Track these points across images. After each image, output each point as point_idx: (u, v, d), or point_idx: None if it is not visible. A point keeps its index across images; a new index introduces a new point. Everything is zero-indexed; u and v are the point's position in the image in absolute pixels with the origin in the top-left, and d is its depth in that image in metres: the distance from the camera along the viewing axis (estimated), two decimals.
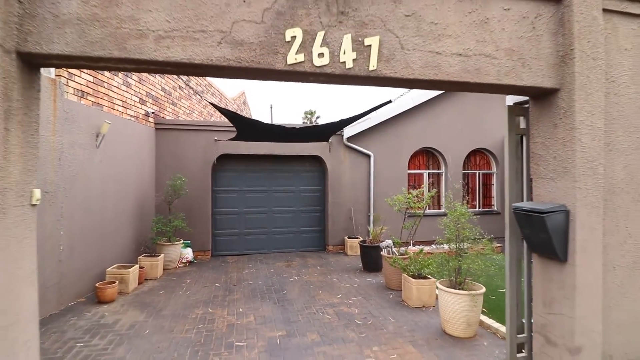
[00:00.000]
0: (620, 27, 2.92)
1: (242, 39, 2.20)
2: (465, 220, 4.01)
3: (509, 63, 2.65)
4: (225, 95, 13.28)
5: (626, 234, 2.94)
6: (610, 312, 2.90)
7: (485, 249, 4.00)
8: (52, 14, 1.96)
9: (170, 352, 3.61)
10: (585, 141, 2.67)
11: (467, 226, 4.03)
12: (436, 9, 2.52)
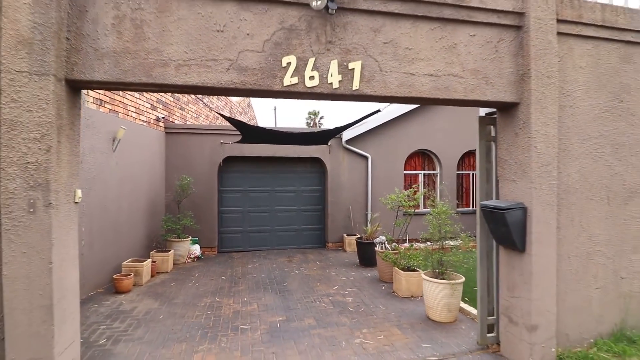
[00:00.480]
0: (576, 48, 3.35)
1: (246, 66, 2.66)
2: (445, 217, 4.46)
3: (474, 81, 3.09)
4: (230, 99, 13.77)
5: (580, 228, 3.37)
6: (567, 296, 3.34)
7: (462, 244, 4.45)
8: (93, 48, 2.44)
9: (183, 333, 4.09)
10: (540, 148, 3.11)
11: (447, 222, 4.47)
12: (410, 37, 2.96)
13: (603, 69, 3.47)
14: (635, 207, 3.57)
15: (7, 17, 2.21)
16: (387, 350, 3.67)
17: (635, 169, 3.58)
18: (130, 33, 2.48)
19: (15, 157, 2.22)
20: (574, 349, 3.35)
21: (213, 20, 2.61)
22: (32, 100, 2.23)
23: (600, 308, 3.48)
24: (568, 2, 3.28)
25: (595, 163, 3.44)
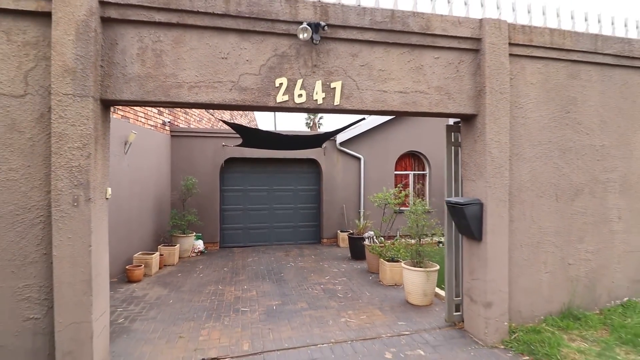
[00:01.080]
0: (528, 67, 3.94)
1: (246, 86, 3.24)
2: (421, 213, 5.04)
3: (438, 97, 3.67)
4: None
5: (531, 221, 3.95)
6: (519, 279, 3.92)
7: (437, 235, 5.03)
8: (122, 73, 3.02)
9: (191, 314, 4.67)
10: (494, 153, 3.68)
11: (423, 217, 5.05)
12: (383, 60, 3.54)
13: (552, 85, 4.04)
14: (580, 203, 4.15)
15: (55, 51, 2.78)
16: (368, 327, 4.24)
17: (580, 170, 4.15)
18: (151, 61, 3.06)
19: (63, 162, 2.79)
20: (526, 324, 3.92)
21: (219, 49, 3.19)
22: (75, 117, 2.81)
23: (550, 290, 4.05)
24: (520, 28, 3.85)
25: (545, 165, 4.01)
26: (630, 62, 4.31)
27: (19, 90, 2.84)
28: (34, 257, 2.86)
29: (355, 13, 3.41)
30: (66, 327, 2.80)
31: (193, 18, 3.09)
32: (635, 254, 4.39)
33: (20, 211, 2.84)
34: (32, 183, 2.85)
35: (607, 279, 4.28)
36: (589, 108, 4.18)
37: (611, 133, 4.27)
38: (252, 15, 3.18)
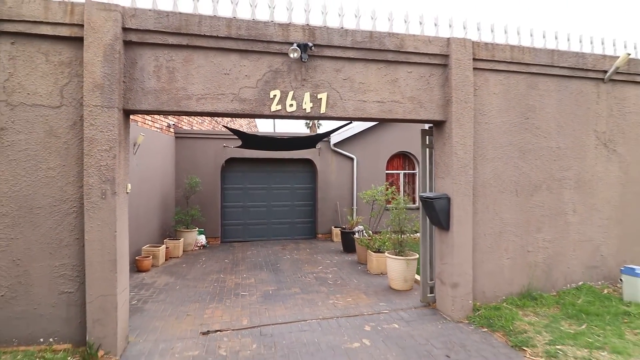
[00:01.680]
0: (491, 79, 4.51)
1: (245, 98, 3.82)
2: (402, 207, 5.62)
3: (411, 106, 4.25)
4: None
5: (494, 213, 4.53)
6: (483, 264, 4.49)
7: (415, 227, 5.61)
8: (141, 88, 3.59)
9: (196, 297, 5.25)
10: (459, 154, 4.26)
11: (404, 210, 5.63)
12: (363, 74, 4.12)
13: (513, 94, 4.62)
14: (538, 198, 4.72)
15: (87, 70, 3.35)
16: (352, 307, 4.82)
17: (538, 169, 4.73)
18: (165, 77, 3.64)
19: (93, 162, 3.37)
20: (489, 304, 4.50)
21: (222, 66, 3.76)
22: (103, 125, 3.38)
23: (511, 274, 4.63)
24: (483, 45, 4.43)
25: (506, 165, 4.59)
26: (585, 74, 4.88)
27: (55, 102, 3.42)
28: (68, 241, 3.44)
29: (339, 34, 3.99)
30: (95, 298, 3.37)
31: (200, 40, 3.67)
32: (589, 243, 4.96)
33: (57, 203, 3.42)
34: (67, 179, 3.43)
35: (563, 265, 4.86)
36: (547, 114, 4.76)
37: (567, 136, 4.85)
38: (250, 37, 3.75)
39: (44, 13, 3.33)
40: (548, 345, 3.50)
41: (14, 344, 3.38)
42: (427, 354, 3.52)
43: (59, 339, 3.45)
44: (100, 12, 3.38)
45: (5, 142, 3.33)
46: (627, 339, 3.57)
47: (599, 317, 4.02)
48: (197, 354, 3.54)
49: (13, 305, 3.36)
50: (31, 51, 3.39)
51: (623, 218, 5.12)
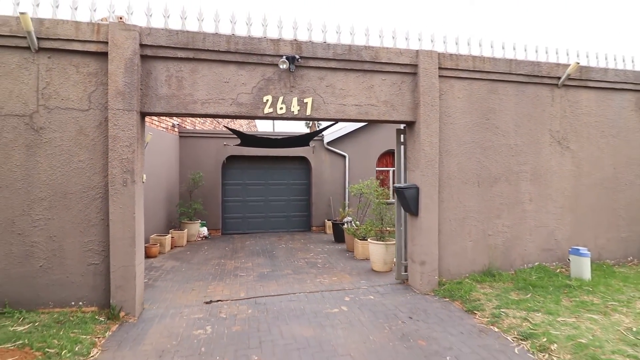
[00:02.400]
0: (455, 85, 5.20)
1: (242, 102, 4.52)
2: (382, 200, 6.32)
3: (385, 109, 4.94)
4: None
5: (458, 201, 5.22)
6: (448, 246, 5.18)
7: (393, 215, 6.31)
8: (155, 94, 4.30)
9: (200, 277, 5.95)
10: (427, 150, 4.95)
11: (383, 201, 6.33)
12: (343, 81, 4.82)
13: (475, 98, 5.31)
14: (497, 188, 5.42)
15: (111, 79, 4.06)
16: (336, 284, 5.52)
17: (498, 163, 5.42)
18: (175, 85, 4.34)
19: (116, 155, 4.07)
20: (453, 280, 5.19)
21: (222, 76, 4.46)
22: (125, 125, 4.08)
23: (473, 254, 5.32)
24: (448, 55, 5.12)
25: (469, 159, 5.28)
26: (540, 80, 5.57)
27: (84, 106, 4.12)
28: (95, 222, 4.14)
29: (322, 48, 4.69)
30: (118, 269, 4.08)
31: (204, 54, 4.37)
32: (544, 228, 5.66)
33: (86, 189, 4.12)
34: (94, 170, 4.13)
35: (521, 247, 5.55)
36: (506, 116, 5.45)
37: (524, 135, 5.54)
38: (246, 51, 4.46)
39: (75, 32, 4.03)
40: (495, 309, 4.19)
41: (50, 306, 4.08)
42: (393, 316, 4.22)
43: (86, 302, 4.15)
44: (122, 32, 4.09)
45: (44, 139, 4.04)
46: (561, 304, 4.26)
47: (543, 289, 4.71)
48: (202, 317, 4.24)
49: (49, 274, 4.07)
50: (64, 64, 4.09)
51: (575, 207, 5.81)
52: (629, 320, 3.77)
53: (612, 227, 5.99)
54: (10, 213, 3.98)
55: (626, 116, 6.07)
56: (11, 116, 3.98)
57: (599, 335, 3.45)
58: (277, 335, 3.72)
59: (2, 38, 3.92)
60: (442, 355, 3.29)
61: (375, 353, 3.34)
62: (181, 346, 3.50)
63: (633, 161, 6.10)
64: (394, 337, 3.67)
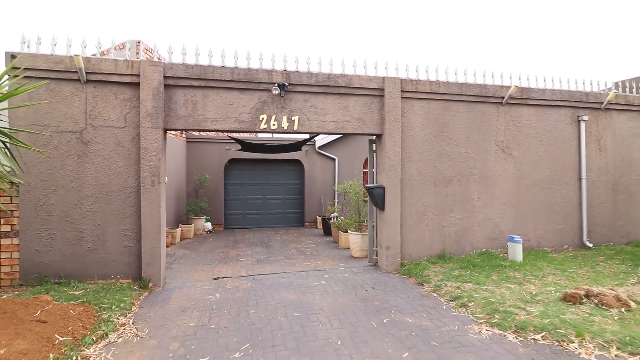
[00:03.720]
0: (415, 104, 6.43)
1: (243, 120, 5.74)
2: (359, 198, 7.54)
3: (357, 124, 6.17)
4: None
5: (418, 198, 6.44)
6: (409, 234, 6.40)
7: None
8: (175, 114, 5.53)
9: (207, 261, 7.17)
10: (391, 157, 6.18)
11: (361, 199, 7.56)
12: (324, 102, 6.05)
13: (432, 115, 6.53)
14: (450, 188, 6.64)
15: (142, 104, 5.28)
16: (320, 266, 6.75)
17: (451, 168, 6.64)
18: (190, 107, 5.56)
19: (146, 162, 5.29)
20: (413, 262, 6.41)
21: (227, 99, 5.68)
22: (152, 139, 5.30)
23: (430, 241, 6.55)
24: (409, 81, 6.34)
25: (427, 165, 6.50)
26: (487, 99, 6.80)
27: (121, 124, 5.34)
28: (129, 213, 5.37)
29: (306, 76, 5.91)
30: (147, 249, 5.30)
31: (213, 82, 5.59)
32: (490, 221, 6.88)
33: (123, 189, 5.34)
34: (129, 174, 5.36)
35: (470, 236, 6.78)
36: (458, 129, 6.68)
37: (473, 144, 6.77)
38: (246, 80, 5.68)
39: (114, 68, 5.26)
40: (438, 282, 5.41)
41: (95, 278, 5.30)
42: (360, 287, 5.44)
43: (122, 276, 5.37)
44: (150, 67, 5.31)
45: (91, 150, 5.26)
46: (490, 278, 5.49)
47: (481, 268, 5.93)
48: (211, 288, 5.47)
49: (95, 254, 5.29)
50: (106, 92, 5.32)
51: (517, 203, 7.03)
52: (534, 288, 5.01)
53: (549, 220, 7.22)
54: (66, 207, 5.20)
55: (562, 128, 7.30)
56: (66, 132, 5.20)
57: (506, 297, 4.68)
58: (269, 299, 4.95)
59: (59, 72, 5.14)
60: (389, 309, 4.52)
61: (340, 309, 4.56)
62: (198, 305, 4.72)
63: (568, 165, 7.33)
64: (356, 299, 4.90)
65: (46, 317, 3.67)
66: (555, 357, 3.27)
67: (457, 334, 3.79)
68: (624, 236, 7.70)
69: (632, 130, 7.76)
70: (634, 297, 4.44)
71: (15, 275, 5.11)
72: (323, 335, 3.80)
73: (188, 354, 3.40)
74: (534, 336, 3.65)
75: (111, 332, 3.81)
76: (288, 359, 3.31)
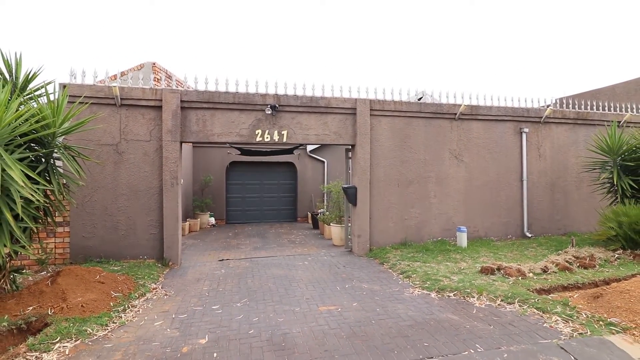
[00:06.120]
0: (382, 120, 7.95)
1: (242, 134, 7.25)
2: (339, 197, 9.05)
3: (335, 136, 7.69)
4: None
5: (384, 197, 7.97)
6: (377, 226, 7.93)
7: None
8: (189, 130, 7.04)
9: (213, 248, 8.68)
10: (361, 163, 7.70)
11: (342, 196, 9.07)
12: (307, 119, 7.56)
13: (397, 128, 8.04)
14: (411, 188, 8.15)
15: (164, 123, 6.78)
16: (305, 252, 8.27)
17: (412, 171, 8.15)
18: (201, 124, 7.06)
19: (167, 168, 6.79)
20: (380, 248, 7.92)
21: (230, 118, 7.19)
22: (172, 150, 6.81)
23: (395, 232, 8.06)
24: (377, 101, 7.84)
25: (392, 169, 8.01)
26: (442, 115, 8.30)
27: (147, 138, 6.84)
28: (154, 208, 6.87)
29: (293, 99, 7.41)
30: (168, 236, 6.81)
31: (219, 105, 7.09)
32: (444, 215, 8.39)
33: (149, 189, 6.85)
34: (153, 177, 6.86)
35: (428, 228, 8.29)
36: (418, 140, 8.19)
37: (430, 152, 8.28)
38: (245, 102, 7.18)
39: (142, 94, 6.75)
40: (395, 261, 6.91)
41: (127, 258, 6.81)
42: (334, 266, 6.96)
43: (148, 257, 6.88)
44: (170, 93, 6.81)
45: (124, 158, 6.77)
46: (436, 259, 6.99)
47: (432, 252, 7.45)
48: (217, 266, 6.98)
49: (127, 239, 6.80)
50: (135, 113, 6.81)
51: (467, 201, 8.55)
52: (465, 265, 6.52)
53: (495, 214, 8.74)
54: (105, 203, 6.71)
55: (506, 138, 8.81)
56: (105, 145, 6.70)
57: (442, 271, 6.19)
58: (263, 273, 6.46)
59: (100, 99, 6.64)
60: (352, 279, 6.03)
61: (315, 279, 6.08)
62: (208, 277, 6.23)
63: (511, 169, 8.84)
64: (329, 273, 6.42)
65: (103, 280, 5.19)
66: (457, 305, 4.79)
67: (396, 293, 5.31)
68: (560, 228, 9.23)
69: (568, 140, 9.28)
70: (534, 270, 5.96)
71: (66, 255, 6.62)
72: (300, 293, 5.32)
73: (204, 304, 4.92)
74: (449, 294, 5.16)
75: (147, 292, 5.33)
76: (273, 306, 4.83)
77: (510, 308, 4.55)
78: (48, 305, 4.28)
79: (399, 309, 4.63)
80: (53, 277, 4.88)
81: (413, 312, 4.53)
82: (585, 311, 4.24)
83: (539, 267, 6.03)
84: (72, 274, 4.99)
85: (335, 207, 9.36)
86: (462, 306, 4.72)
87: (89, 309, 4.32)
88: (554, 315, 4.18)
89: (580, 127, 9.37)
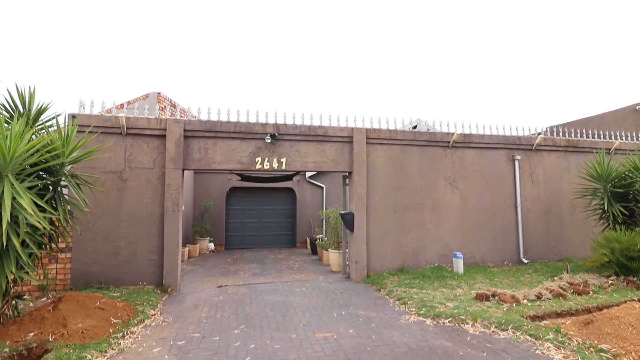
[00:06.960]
0: (378, 148, 8.21)
1: (243, 162, 7.49)
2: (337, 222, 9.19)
3: (332, 164, 7.93)
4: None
5: (381, 223, 8.12)
6: (375, 251, 8.04)
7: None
8: (191, 158, 7.28)
9: (212, 274, 8.73)
10: (358, 189, 7.91)
11: (339, 221, 9.20)
12: (305, 147, 7.82)
13: (392, 156, 8.29)
14: (408, 214, 8.31)
15: (167, 151, 7.03)
16: (303, 278, 8.33)
17: (408, 198, 8.33)
18: (202, 152, 7.32)
19: (169, 195, 6.98)
20: (377, 274, 7.99)
21: (231, 146, 7.45)
22: (174, 177, 7.02)
23: (392, 258, 8.15)
24: (373, 130, 8.13)
25: (388, 195, 8.20)
26: (436, 143, 8.58)
27: (150, 166, 7.07)
28: (155, 234, 7.01)
29: (292, 127, 7.70)
30: (168, 262, 6.91)
31: (220, 134, 7.37)
32: (441, 241, 8.51)
33: (150, 215, 7.01)
34: (155, 203, 7.04)
35: (425, 254, 8.39)
36: (413, 167, 8.42)
37: (425, 179, 8.49)
38: (245, 131, 7.46)
39: (147, 124, 7.04)
40: (392, 288, 6.98)
41: (127, 284, 6.88)
42: (332, 292, 7.02)
43: (148, 283, 6.95)
44: (174, 123, 7.10)
45: (128, 185, 6.97)
46: (432, 285, 7.06)
47: (429, 278, 7.51)
48: (216, 292, 7.03)
49: (128, 265, 6.89)
50: (140, 142, 7.08)
51: (463, 227, 8.68)
52: (461, 291, 6.59)
53: (491, 240, 8.85)
54: (107, 229, 6.86)
55: (500, 165, 9.05)
56: (110, 172, 6.93)
57: (438, 297, 6.26)
58: (261, 300, 6.52)
59: (107, 128, 6.92)
60: (349, 306, 6.09)
61: (312, 305, 6.14)
62: (206, 304, 6.29)
63: (505, 195, 9.03)
64: (327, 300, 6.48)
65: (103, 306, 5.26)
66: (452, 332, 4.85)
67: (392, 320, 5.37)
68: (556, 254, 9.31)
69: (560, 167, 9.53)
70: (528, 296, 6.03)
71: (67, 281, 6.70)
72: (297, 320, 5.38)
73: (202, 331, 4.98)
74: (444, 321, 5.23)
75: (146, 318, 5.39)
76: (270, 333, 4.89)
77: (503, 335, 4.62)
78: (49, 331, 4.35)
79: (394, 336, 4.69)
80: (55, 303, 4.96)
81: (408, 338, 4.59)
82: (577, 338, 4.32)
83: (533, 293, 6.11)
84: (73, 300, 5.08)
85: (334, 233, 9.48)
86: (456, 333, 4.78)
87: (89, 335, 4.40)
88: (546, 342, 4.25)
89: (571, 154, 9.64)
